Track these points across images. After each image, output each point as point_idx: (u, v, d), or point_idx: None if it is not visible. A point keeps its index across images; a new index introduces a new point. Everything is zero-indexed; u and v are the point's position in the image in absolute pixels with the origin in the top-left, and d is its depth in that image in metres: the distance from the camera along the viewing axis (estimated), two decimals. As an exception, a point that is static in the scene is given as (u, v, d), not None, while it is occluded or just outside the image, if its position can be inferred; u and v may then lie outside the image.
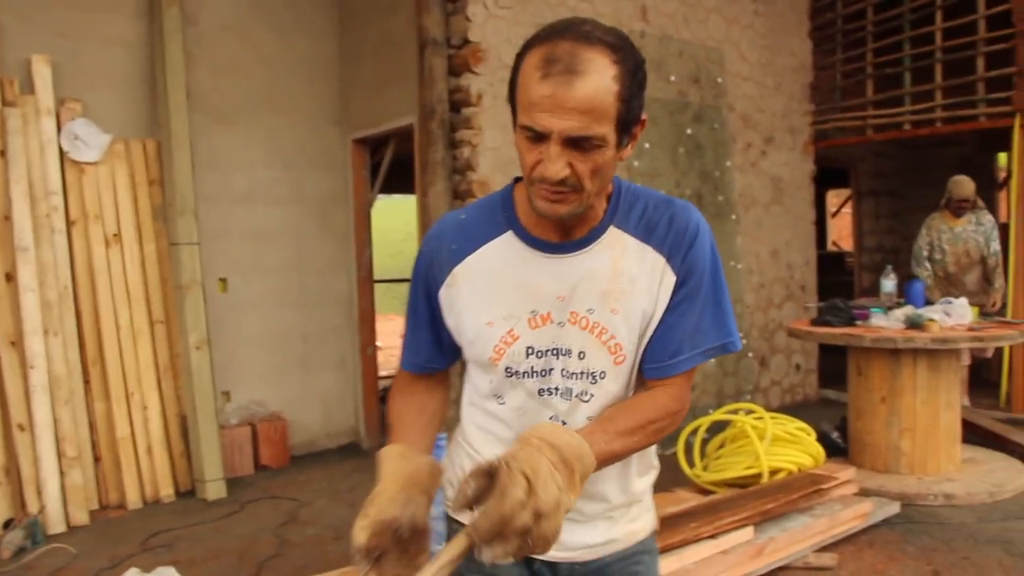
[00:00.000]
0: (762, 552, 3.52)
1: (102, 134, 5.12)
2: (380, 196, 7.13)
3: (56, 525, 4.72)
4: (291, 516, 4.92)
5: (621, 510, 1.50)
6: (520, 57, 1.27)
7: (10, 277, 4.80)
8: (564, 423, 1.40)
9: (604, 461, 1.29)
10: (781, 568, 3.71)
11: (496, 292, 1.40)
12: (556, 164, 1.22)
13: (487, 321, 1.40)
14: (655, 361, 1.39)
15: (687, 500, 4.12)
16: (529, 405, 1.42)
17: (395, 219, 19.39)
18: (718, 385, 6.44)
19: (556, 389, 1.41)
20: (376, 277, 6.96)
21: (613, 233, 1.38)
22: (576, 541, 1.46)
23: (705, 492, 4.37)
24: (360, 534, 1.24)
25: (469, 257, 1.41)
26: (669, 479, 4.94)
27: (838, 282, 9.42)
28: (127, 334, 5.20)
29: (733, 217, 6.56)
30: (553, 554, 1.40)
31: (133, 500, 5.11)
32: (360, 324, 6.62)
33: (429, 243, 1.46)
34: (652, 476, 1.56)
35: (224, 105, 5.90)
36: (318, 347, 6.46)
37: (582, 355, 1.39)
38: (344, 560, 3.97)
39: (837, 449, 5.18)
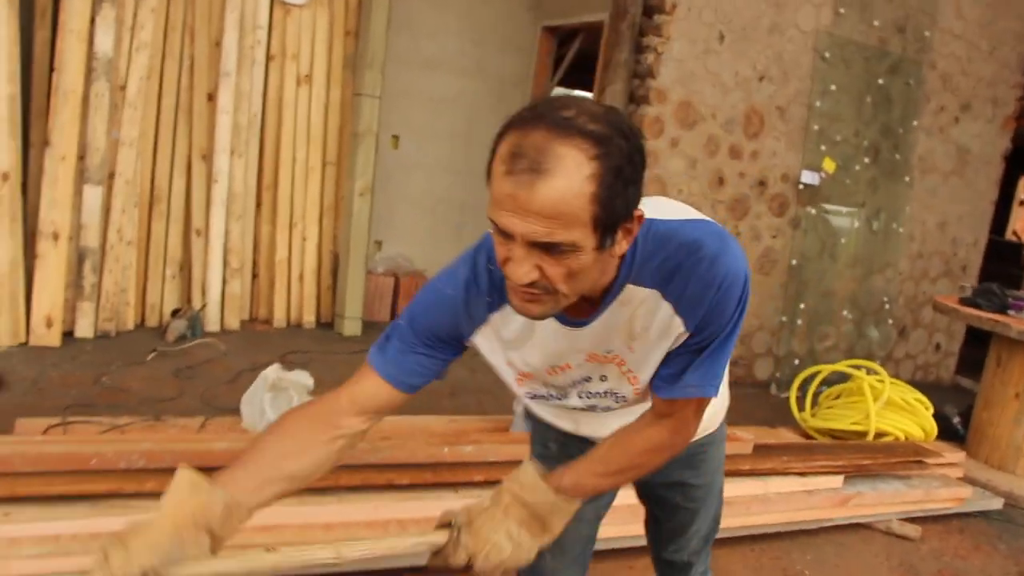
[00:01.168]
0: (846, 503, 3.59)
1: (313, -21, 5.43)
2: (557, 88, 7.22)
3: (212, 324, 5.28)
4: (414, 367, 5.28)
5: None
6: (498, 138, 1.14)
7: (211, 97, 5.25)
8: (593, 408, 1.54)
9: (591, 495, 1.46)
10: (862, 525, 3.78)
11: (520, 345, 1.40)
12: (521, 267, 1.12)
13: (508, 362, 1.45)
14: (670, 383, 1.37)
15: (787, 439, 4.21)
16: (555, 408, 1.59)
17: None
18: (849, 343, 6.36)
19: (574, 407, 1.53)
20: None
21: (628, 290, 1.30)
22: None
23: (808, 437, 4.43)
24: None
25: (497, 312, 1.37)
26: (776, 418, 5.04)
27: (1006, 273, 8.89)
28: (301, 168, 5.62)
29: (907, 179, 6.32)
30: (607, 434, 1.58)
31: (279, 319, 5.62)
32: (514, 205, 6.82)
33: (459, 289, 1.36)
34: (724, 395, 1.72)
35: (428, -29, 6.09)
36: (472, 219, 6.73)
37: (603, 378, 1.43)
38: (456, 414, 4.30)
39: (955, 434, 5.09)
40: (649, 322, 1.31)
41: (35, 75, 4.74)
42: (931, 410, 4.51)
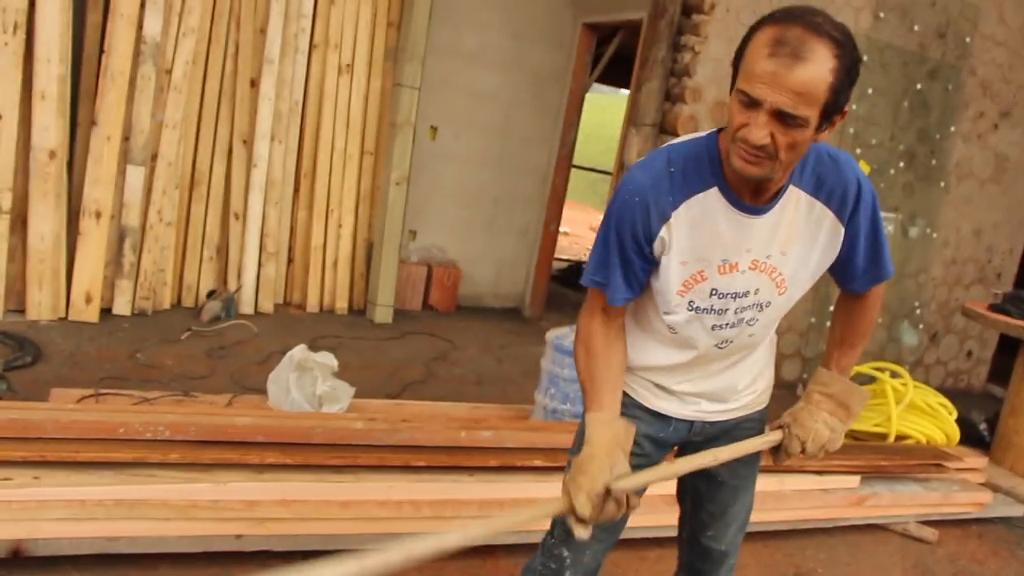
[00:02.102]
0: (862, 503, 3.60)
1: (356, -30, 5.52)
2: (594, 87, 7.26)
3: (247, 307, 5.40)
4: (443, 354, 5.37)
5: (746, 391, 1.84)
6: (752, 31, 1.40)
7: (254, 84, 5.37)
8: (730, 341, 1.71)
9: (849, 371, 1.82)
10: (878, 526, 3.78)
11: (696, 239, 1.57)
12: (761, 131, 1.36)
13: (683, 260, 1.59)
14: (868, 276, 1.70)
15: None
16: (700, 336, 1.68)
17: (593, 114, 19.48)
18: (879, 346, 6.33)
19: (727, 324, 1.66)
20: (575, 161, 7.17)
21: (792, 191, 1.55)
22: (711, 408, 1.82)
23: (827, 439, 4.43)
24: (585, 507, 1.51)
25: (681, 207, 1.56)
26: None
27: (1044, 282, 8.80)
28: (339, 157, 5.72)
29: (942, 184, 6.27)
30: (691, 415, 1.81)
31: (312, 304, 5.73)
32: (550, 200, 6.89)
33: (643, 193, 1.56)
34: (770, 371, 1.91)
35: (470, -36, 6.16)
36: (506, 211, 6.80)
37: (757, 291, 1.63)
38: (480, 401, 4.38)
39: (980, 441, 5.05)
40: (803, 225, 1.58)
41: (85, 57, 4.88)
42: (954, 415, 4.49)
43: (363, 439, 2.82)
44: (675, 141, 1.61)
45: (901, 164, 6.00)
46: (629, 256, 1.60)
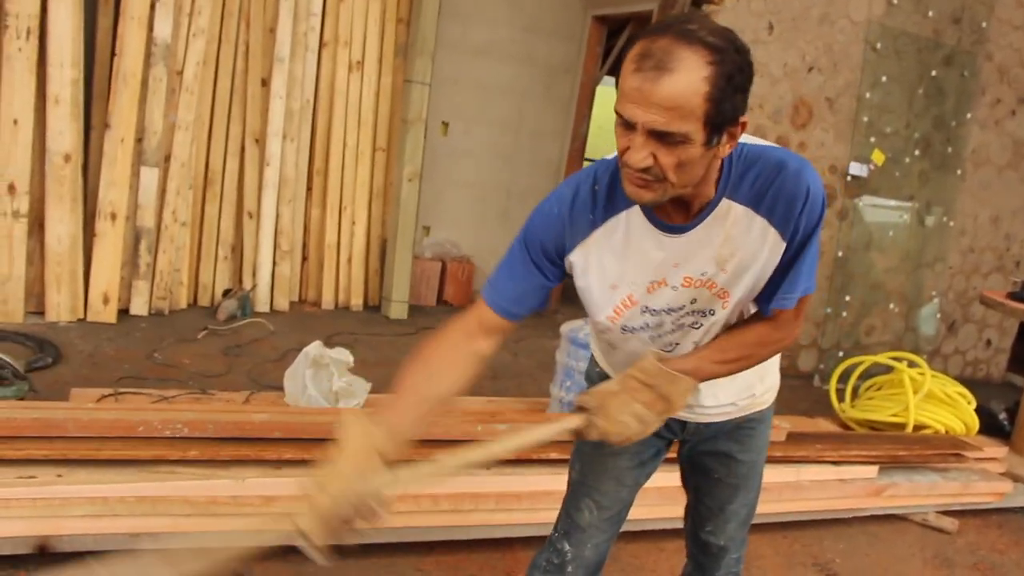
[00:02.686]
0: (880, 493, 3.59)
1: (365, -33, 5.53)
2: (610, 80, 7.24)
3: (262, 305, 5.42)
4: (457, 350, 5.37)
5: (741, 394, 1.78)
6: (627, 45, 1.36)
7: (265, 83, 5.39)
8: (677, 344, 1.63)
9: (708, 378, 1.61)
10: (897, 516, 3.77)
11: (620, 260, 1.51)
12: (639, 153, 1.29)
13: (611, 284, 1.53)
14: (770, 301, 1.54)
15: (824, 428, 4.20)
16: (641, 347, 1.63)
17: (606, 107, 19.52)
18: (897, 336, 6.29)
19: (666, 332, 1.60)
20: (589, 154, 7.16)
21: (724, 204, 1.45)
22: (704, 409, 1.77)
23: (846, 428, 4.42)
24: (316, 536, 1.29)
25: (599, 229, 1.50)
26: (815, 410, 5.02)
27: (1064, 269, 8.72)
28: (351, 154, 5.74)
29: (958, 172, 6.22)
30: (684, 416, 1.78)
31: (327, 301, 5.75)
32: (562, 192, 6.86)
33: (564, 206, 1.51)
34: (775, 374, 1.84)
35: (479, -42, 6.16)
36: (519, 204, 6.80)
37: (693, 301, 1.54)
38: (496, 395, 4.38)
39: (1000, 430, 5.01)
40: (743, 240, 1.46)
41: (97, 60, 4.90)
42: (973, 404, 4.47)
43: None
44: (607, 156, 1.52)
45: (916, 152, 5.95)
46: (533, 269, 1.54)
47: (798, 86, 5.45)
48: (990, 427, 4.96)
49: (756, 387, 1.79)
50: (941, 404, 4.30)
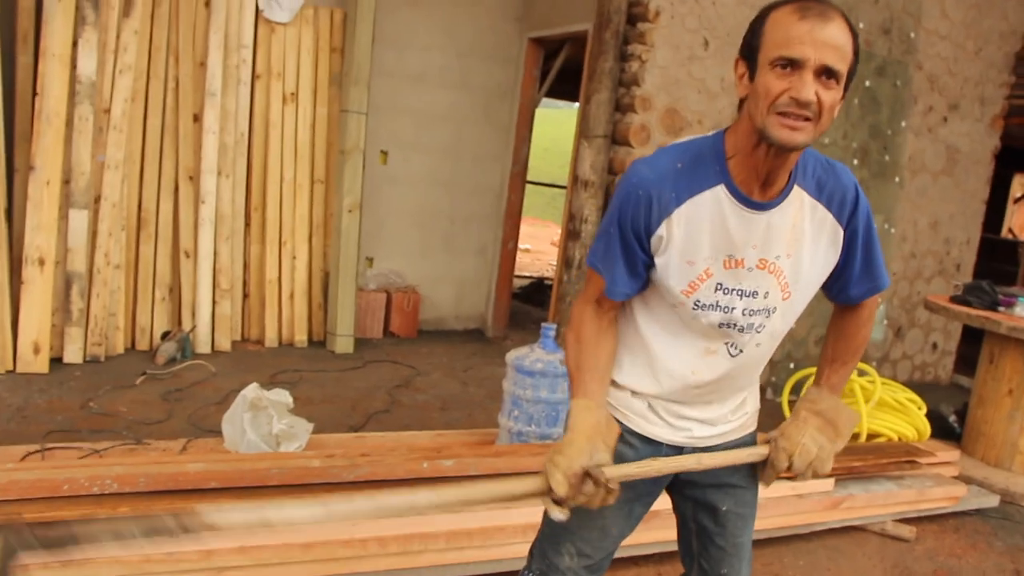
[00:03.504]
0: (838, 506, 3.56)
1: (296, -2, 5.44)
2: (544, 101, 7.23)
3: (203, 346, 5.26)
4: (406, 381, 5.27)
5: (737, 412, 1.79)
6: (765, 14, 1.44)
7: (196, 118, 5.26)
8: (741, 350, 1.67)
9: (840, 390, 1.78)
10: (855, 528, 3.74)
11: (701, 236, 1.55)
12: (809, 88, 1.38)
13: (689, 260, 1.57)
14: (863, 285, 1.69)
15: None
16: (708, 332, 1.64)
17: (543, 128, 19.74)
18: (844, 346, 6.32)
19: (735, 324, 1.62)
20: (529, 177, 7.13)
21: (796, 191, 1.56)
22: (701, 432, 1.76)
23: (800, 442, 4.39)
24: (561, 487, 1.49)
25: (684, 205, 1.54)
26: (771, 423, 4.97)
27: (1002, 270, 8.91)
28: (289, 187, 5.62)
29: (896, 180, 6.30)
30: (680, 440, 1.75)
31: (270, 338, 5.61)
32: (506, 217, 6.83)
33: (646, 186, 1.56)
34: (757, 393, 1.88)
35: (412, -14, 6.11)
36: (462, 231, 6.73)
37: (766, 295, 1.61)
38: (445, 428, 4.29)
39: (951, 433, 5.06)
40: (806, 226, 1.57)
41: (19, 99, 4.75)
42: (924, 409, 4.48)
43: (322, 477, 2.72)
44: (680, 140, 1.62)
45: (855, 161, 6.02)
46: (631, 249, 1.60)
47: (736, 101, 5.46)
48: (941, 430, 5.00)
49: (748, 405, 1.82)
50: (893, 411, 4.31)
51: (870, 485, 3.75)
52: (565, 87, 7.97)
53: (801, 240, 1.58)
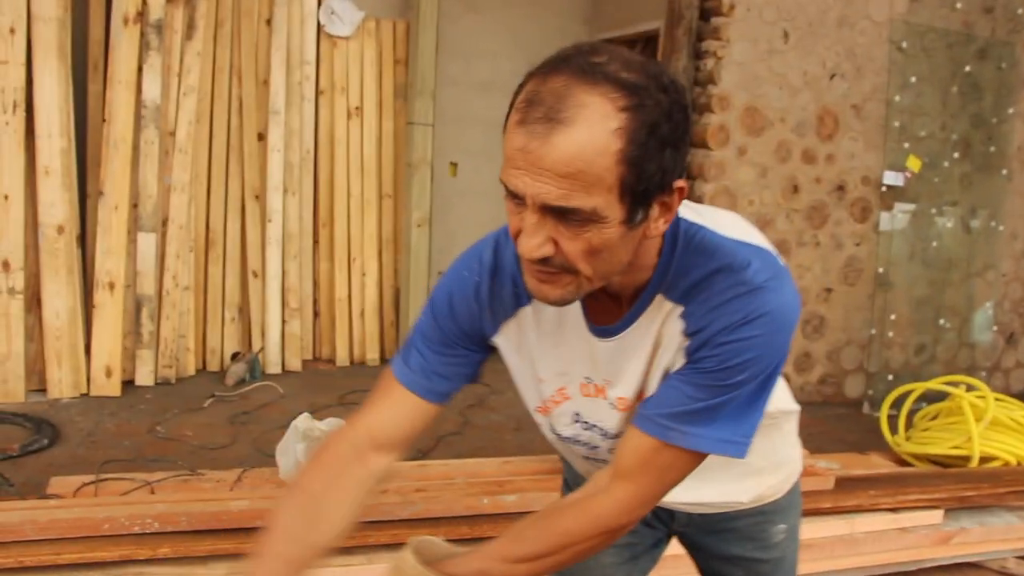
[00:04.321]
0: (948, 541, 3.20)
1: (356, 11, 5.35)
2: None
3: (272, 366, 5.19)
4: (480, 400, 5.09)
5: (743, 489, 1.42)
6: (518, 89, 0.97)
7: (261, 137, 5.20)
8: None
9: None
10: (970, 564, 3.38)
11: (552, 348, 1.19)
12: (533, 239, 0.94)
13: (538, 377, 1.22)
14: (644, 407, 1.12)
15: (878, 467, 3.83)
16: (576, 460, 1.35)
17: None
18: (951, 354, 5.87)
19: (602, 459, 1.26)
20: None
21: (657, 301, 1.09)
22: (689, 497, 1.40)
23: (902, 463, 4.03)
24: None
25: (531, 306, 1.18)
26: (866, 441, 4.63)
27: None
28: (357, 203, 5.52)
29: (1004, 172, 5.82)
30: (671, 503, 1.40)
31: (341, 357, 5.50)
32: (580, 226, 6.60)
33: (492, 274, 1.18)
34: (795, 460, 1.49)
35: (476, -7, 5.97)
36: (536, 244, 6.52)
37: (620, 433, 1.20)
38: (518, 450, 4.08)
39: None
40: (667, 341, 1.09)
41: (90, 126, 4.79)
42: (1045, 428, 4.05)
43: (373, 515, 2.55)
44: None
45: (955, 154, 5.58)
46: (452, 346, 1.22)
47: (821, 95, 5.14)
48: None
49: (767, 479, 1.43)
50: (1009, 431, 3.89)
51: (985, 517, 3.37)
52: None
53: (661, 359, 1.12)
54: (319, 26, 5.30)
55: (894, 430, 4.24)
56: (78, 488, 2.96)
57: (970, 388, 4.09)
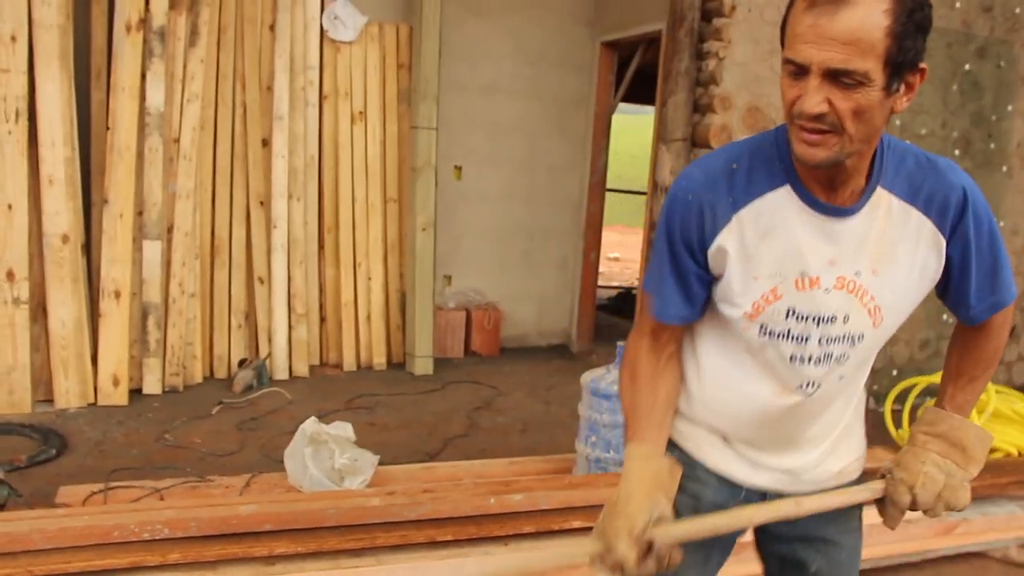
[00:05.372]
0: (951, 531, 3.23)
1: (359, 16, 5.38)
2: (620, 106, 6.99)
3: (280, 372, 5.22)
4: (486, 402, 5.11)
5: (825, 462, 1.52)
6: (792, 1, 1.20)
7: (265, 143, 5.23)
8: (818, 386, 1.40)
9: (968, 411, 1.50)
10: (974, 554, 3.39)
11: (768, 248, 1.32)
12: (813, 98, 1.16)
13: (754, 275, 1.34)
14: (983, 301, 1.41)
15: (882, 461, 3.83)
16: (778, 368, 1.40)
17: (630, 136, 19.38)
18: (954, 350, 5.88)
19: (810, 357, 1.37)
20: (609, 185, 6.91)
21: (879, 194, 1.31)
22: (788, 479, 1.51)
23: (907, 458, 4.04)
24: (629, 554, 1.27)
25: (743, 210, 1.32)
26: (871, 436, 4.59)
27: None
28: (361, 208, 5.55)
29: (1004, 169, 5.83)
30: (764, 483, 1.50)
31: (348, 362, 5.53)
32: (586, 228, 6.62)
33: (696, 192, 1.35)
34: (860, 435, 1.59)
35: (478, -4, 5.99)
36: (541, 245, 6.55)
37: (846, 319, 1.35)
38: (524, 451, 4.10)
39: (1080, 443, 4.60)
40: (899, 235, 1.32)
41: (94, 134, 4.81)
42: (1048, 421, 4.07)
43: (381, 516, 2.57)
44: (737, 140, 1.39)
45: (956, 152, 5.59)
46: (683, 265, 1.37)
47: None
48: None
49: (844, 450, 1.53)
50: (1010, 423, 3.92)
51: (988, 507, 3.40)
52: (642, 89, 7.71)
53: (890, 253, 1.32)
54: (322, 31, 5.33)
55: (898, 424, 4.25)
56: (87, 497, 2.99)
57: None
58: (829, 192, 1.29)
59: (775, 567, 1.62)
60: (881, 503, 1.45)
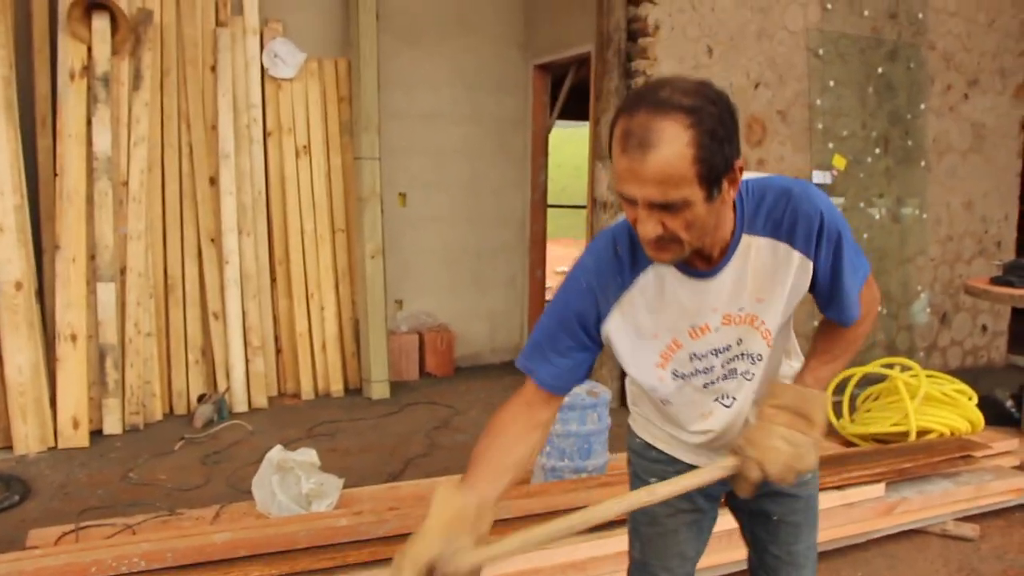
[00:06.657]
0: (892, 511, 3.42)
1: (299, 53, 5.51)
2: (559, 123, 7.19)
3: (239, 405, 5.29)
4: (444, 422, 5.23)
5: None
6: (612, 125, 1.34)
7: (213, 181, 5.32)
8: (734, 399, 1.61)
9: (828, 383, 1.65)
10: (914, 531, 3.60)
11: (660, 312, 1.51)
12: (646, 225, 1.32)
13: (653, 334, 1.53)
14: (834, 314, 1.58)
15: (824, 450, 4.04)
16: (696, 397, 1.61)
17: (572, 148, 19.62)
18: (890, 338, 6.16)
19: (718, 378, 1.58)
20: (550, 201, 7.09)
21: (745, 241, 1.47)
22: None
23: (848, 444, 4.26)
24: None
25: (633, 288, 1.50)
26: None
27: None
28: (311, 239, 5.65)
29: (923, 164, 6.15)
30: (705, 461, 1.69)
31: (306, 391, 5.61)
32: (531, 245, 6.80)
33: (588, 280, 1.51)
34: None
35: (412, 27, 6.14)
36: (489, 265, 6.71)
37: (739, 342, 1.55)
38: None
39: (1009, 418, 4.86)
40: (771, 268, 1.48)
41: (42, 181, 4.84)
42: (974, 399, 4.31)
43: (350, 535, 2.69)
44: (620, 219, 1.52)
45: (877, 150, 5.89)
46: (573, 332, 1.53)
47: (747, 104, 5.40)
48: (999, 417, 4.80)
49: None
50: (941, 405, 4.15)
51: (924, 486, 3.61)
52: (578, 107, 7.92)
53: (769, 283, 1.50)
54: (263, 70, 5.44)
55: (839, 414, 4.48)
56: (58, 538, 3.05)
57: (904, 368, 4.35)
58: (703, 258, 1.46)
59: (745, 521, 1.87)
60: (735, 478, 1.57)
